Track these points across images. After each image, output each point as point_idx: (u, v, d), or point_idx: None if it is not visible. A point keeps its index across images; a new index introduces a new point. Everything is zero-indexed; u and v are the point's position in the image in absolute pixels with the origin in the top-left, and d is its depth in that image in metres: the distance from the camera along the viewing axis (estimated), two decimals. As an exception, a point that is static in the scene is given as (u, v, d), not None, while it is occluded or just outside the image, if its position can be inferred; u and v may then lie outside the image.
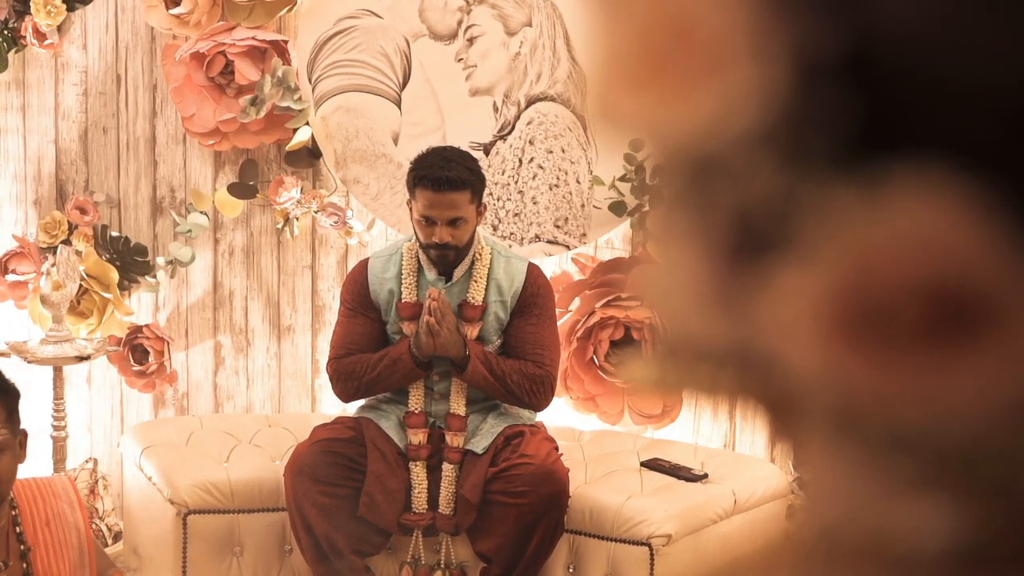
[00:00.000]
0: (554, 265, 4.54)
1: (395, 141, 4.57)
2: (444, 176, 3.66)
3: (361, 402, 3.98)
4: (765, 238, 0.35)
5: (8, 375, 2.92)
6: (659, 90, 0.37)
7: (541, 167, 4.50)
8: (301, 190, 4.62)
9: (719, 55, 0.36)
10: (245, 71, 4.49)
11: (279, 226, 4.68)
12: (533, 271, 3.89)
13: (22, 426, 2.88)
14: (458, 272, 3.83)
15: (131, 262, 4.78)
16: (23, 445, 2.85)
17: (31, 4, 4.69)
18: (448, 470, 3.83)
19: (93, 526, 4.53)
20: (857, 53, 0.35)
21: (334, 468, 3.79)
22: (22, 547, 2.84)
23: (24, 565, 2.84)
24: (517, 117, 4.50)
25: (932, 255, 0.33)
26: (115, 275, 4.72)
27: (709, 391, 0.41)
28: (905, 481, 0.34)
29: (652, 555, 3.66)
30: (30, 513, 2.90)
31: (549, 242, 4.52)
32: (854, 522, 0.35)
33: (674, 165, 0.37)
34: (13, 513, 2.86)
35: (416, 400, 3.87)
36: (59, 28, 4.74)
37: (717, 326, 0.37)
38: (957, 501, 0.33)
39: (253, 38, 4.49)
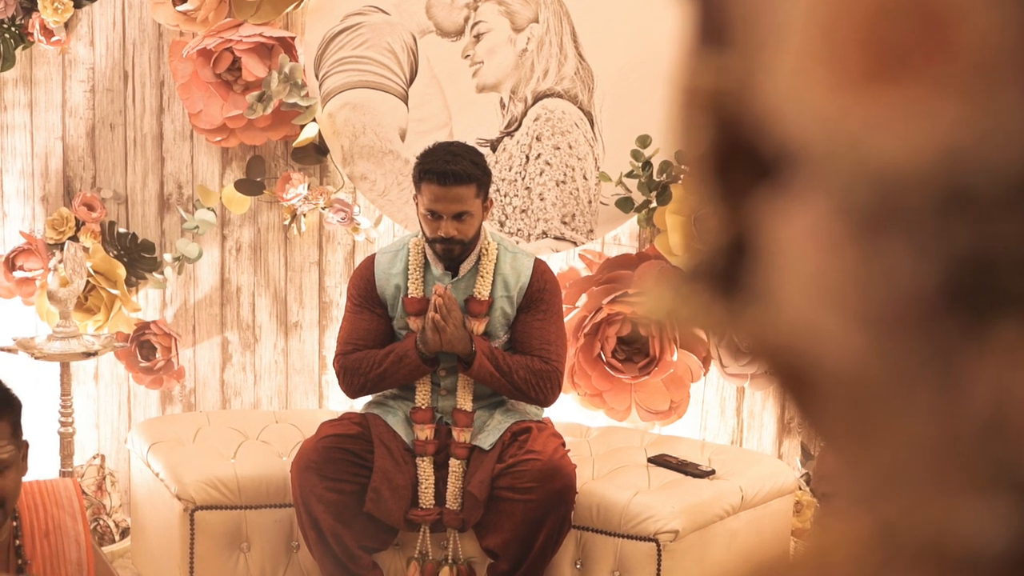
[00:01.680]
0: (561, 261, 4.54)
1: (402, 137, 4.57)
2: (450, 170, 3.66)
3: (368, 398, 3.98)
4: (1002, 293, 0.29)
5: (11, 384, 2.81)
6: (888, 94, 0.29)
7: (548, 163, 4.49)
8: (308, 186, 4.62)
9: (985, 64, 0.28)
10: (252, 68, 4.49)
11: (286, 222, 4.69)
12: (540, 267, 3.89)
13: (24, 436, 2.79)
14: (464, 267, 3.83)
15: (138, 258, 4.79)
16: (25, 457, 2.76)
17: (38, 1, 4.70)
18: (455, 466, 3.83)
19: (100, 522, 4.53)
20: None
21: (341, 464, 3.79)
22: (19, 561, 2.77)
23: None
24: (524, 113, 4.50)
25: None
26: (122, 271, 4.72)
27: (719, 331, 0.38)
28: (958, 480, 0.32)
29: (659, 551, 3.66)
30: (30, 524, 2.83)
31: (556, 238, 4.52)
32: (911, 520, 0.33)
33: (885, 193, 0.30)
34: (14, 524, 2.79)
35: (423, 396, 3.87)
36: (66, 25, 4.74)
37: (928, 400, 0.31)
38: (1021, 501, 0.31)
39: (260, 35, 4.49)
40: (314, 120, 4.57)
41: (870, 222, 0.30)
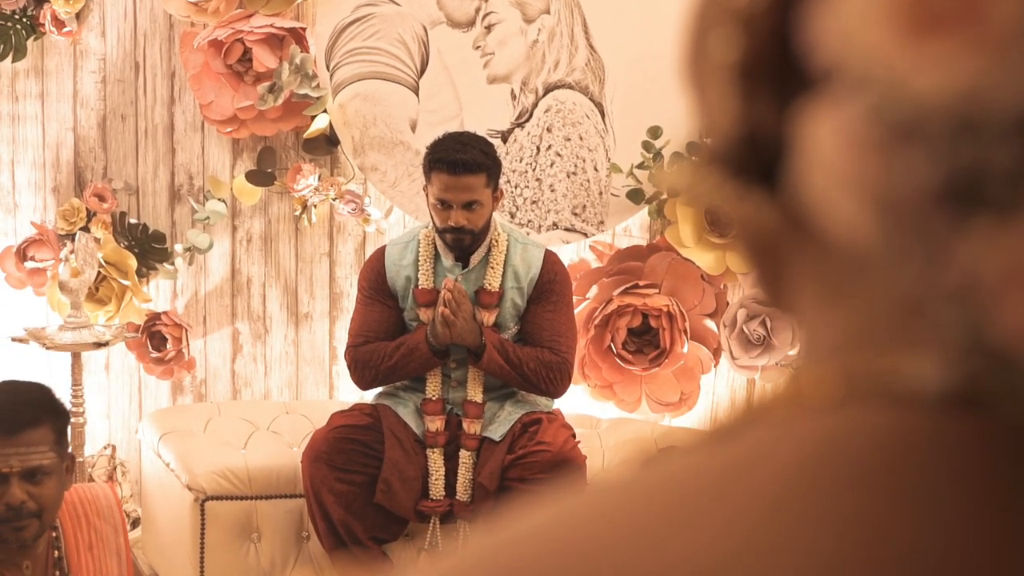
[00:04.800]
0: (572, 253, 4.54)
1: (413, 129, 4.57)
2: (460, 159, 3.66)
3: (379, 389, 3.98)
4: (986, 197, 0.38)
5: (59, 396, 2.74)
6: (929, 44, 0.38)
7: (559, 155, 4.49)
8: (319, 177, 4.62)
9: (1006, 31, 0.37)
10: (263, 58, 4.49)
11: (297, 213, 4.69)
12: (550, 258, 3.89)
13: (70, 450, 2.72)
14: (475, 258, 3.82)
15: (149, 249, 4.79)
16: (70, 470, 2.69)
17: (50, -9, 4.70)
18: (465, 457, 3.83)
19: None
20: None
21: (352, 455, 3.79)
22: (58, 574, 2.71)
23: None
24: (535, 105, 4.49)
25: None
26: (133, 262, 4.73)
27: (727, 206, 0.47)
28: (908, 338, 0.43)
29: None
30: (73, 536, 2.77)
31: (567, 229, 4.51)
32: (868, 368, 0.43)
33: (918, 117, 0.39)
34: (53, 535, 2.73)
35: (433, 387, 3.88)
36: (78, 15, 4.74)
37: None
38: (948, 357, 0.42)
39: (271, 25, 4.49)
40: (325, 111, 4.57)
41: (896, 132, 0.39)
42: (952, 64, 0.37)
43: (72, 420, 4.45)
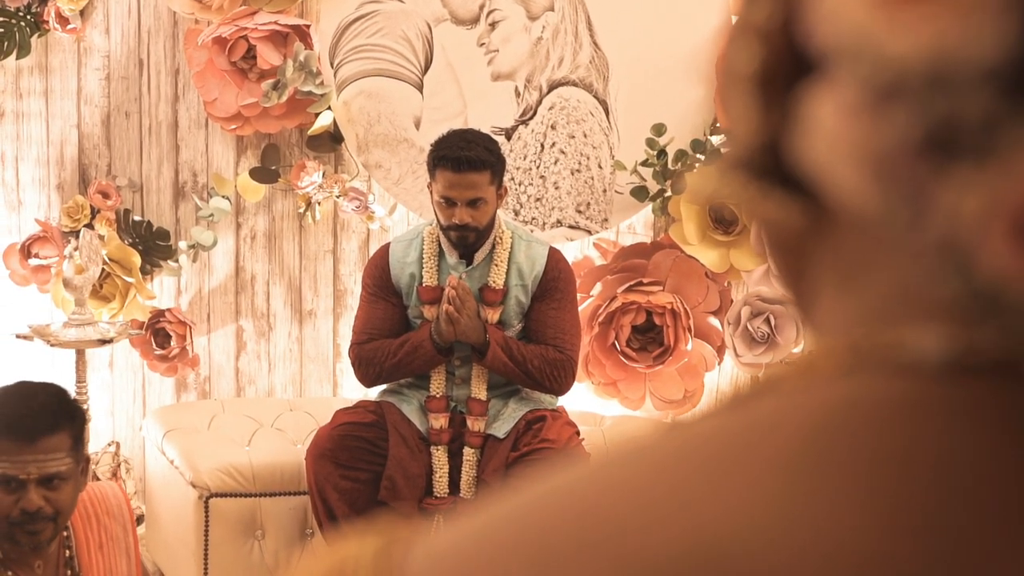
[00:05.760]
0: (576, 250, 4.54)
1: (417, 126, 4.57)
2: (464, 156, 3.66)
3: (383, 386, 3.98)
4: (962, 145, 0.41)
5: (75, 399, 2.73)
6: (905, 11, 0.41)
7: (563, 152, 4.49)
8: (323, 175, 4.62)
9: None
10: (267, 56, 4.49)
11: (301, 211, 4.69)
12: (554, 255, 3.88)
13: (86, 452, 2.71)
14: (479, 256, 3.82)
15: (153, 246, 4.80)
16: (85, 472, 2.67)
17: (54, -12, 4.70)
18: (469, 454, 3.83)
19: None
20: None
21: (356, 452, 3.79)
22: (69, 573, 2.70)
23: None
24: (539, 102, 4.49)
25: None
26: (137, 259, 4.73)
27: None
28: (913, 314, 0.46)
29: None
30: (84, 537, 2.76)
31: (571, 227, 4.51)
32: (873, 340, 0.46)
33: (890, 74, 0.42)
34: (64, 535, 2.72)
35: (438, 385, 3.87)
36: (82, 13, 4.74)
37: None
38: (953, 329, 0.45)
39: (275, 23, 4.49)
40: (329, 108, 4.57)
41: (880, 95, 0.42)
42: (923, 27, 0.41)
43: (77, 417, 4.47)
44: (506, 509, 0.48)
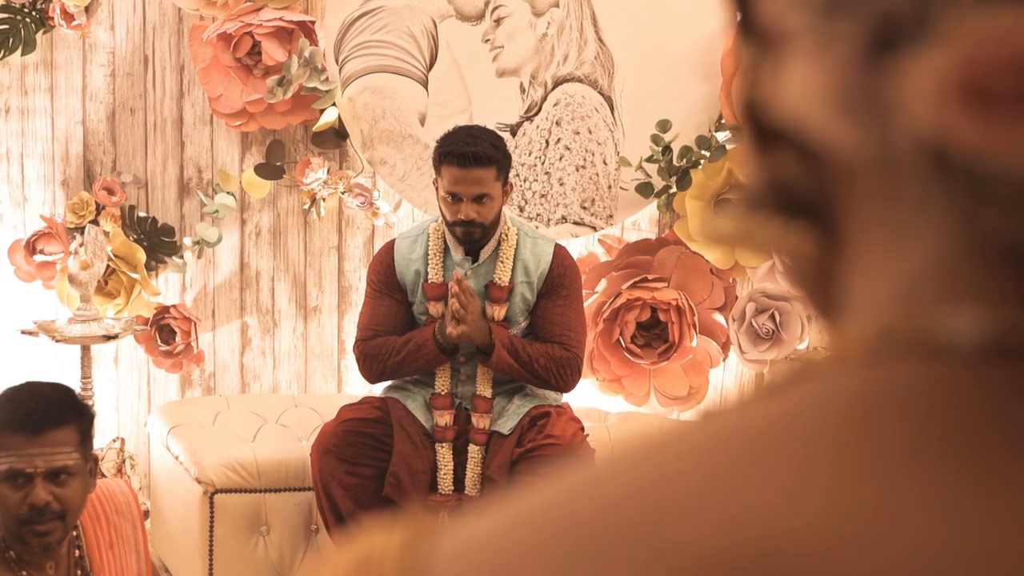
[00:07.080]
0: (580, 246, 4.54)
1: (422, 122, 4.57)
2: (470, 152, 3.66)
3: (388, 383, 3.99)
4: (906, 33, 0.42)
5: (82, 397, 2.71)
6: None
7: (568, 148, 4.49)
8: (328, 171, 4.62)
9: None
10: (272, 52, 4.49)
11: (306, 207, 4.69)
12: (560, 252, 3.88)
13: (95, 449, 2.70)
14: (484, 253, 3.82)
15: (158, 242, 4.80)
16: (93, 472, 2.65)
17: (59, -15, 4.70)
18: (474, 451, 3.83)
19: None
20: None
21: (360, 448, 3.79)
22: (80, 573, 2.68)
23: None
24: (544, 98, 4.49)
25: None
26: (142, 255, 4.73)
27: (776, 242, 0.52)
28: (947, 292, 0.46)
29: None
30: (95, 536, 2.74)
31: (576, 223, 4.51)
32: (906, 323, 0.46)
33: None
34: (74, 534, 2.69)
35: (442, 381, 3.87)
36: (87, 9, 4.74)
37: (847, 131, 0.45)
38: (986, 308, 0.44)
39: (280, 19, 4.49)
40: (334, 104, 4.57)
41: (825, 15, 0.44)
42: None
43: (82, 414, 4.47)
44: (536, 501, 0.46)
